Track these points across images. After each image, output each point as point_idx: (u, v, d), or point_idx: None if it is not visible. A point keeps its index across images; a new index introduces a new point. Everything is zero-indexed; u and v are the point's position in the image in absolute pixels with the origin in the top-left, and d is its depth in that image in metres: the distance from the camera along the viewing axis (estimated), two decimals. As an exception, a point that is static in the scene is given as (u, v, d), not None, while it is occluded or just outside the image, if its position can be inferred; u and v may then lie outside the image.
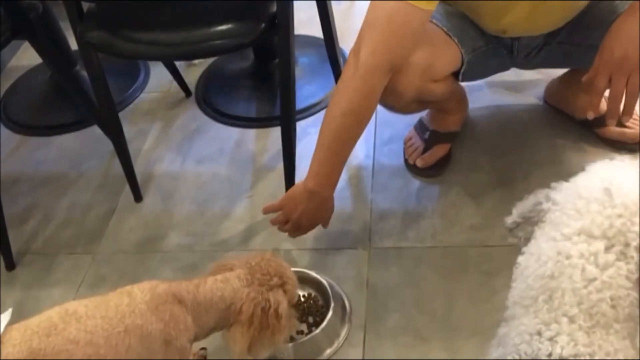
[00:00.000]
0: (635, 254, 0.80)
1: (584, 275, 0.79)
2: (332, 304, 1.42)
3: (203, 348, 1.38)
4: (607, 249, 0.80)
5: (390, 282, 1.50)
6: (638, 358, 0.78)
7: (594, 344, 0.76)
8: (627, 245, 0.80)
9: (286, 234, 1.52)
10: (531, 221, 0.90)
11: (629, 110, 1.36)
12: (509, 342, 0.81)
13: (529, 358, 0.76)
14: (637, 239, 0.80)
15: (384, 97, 1.39)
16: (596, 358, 0.74)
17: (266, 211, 1.51)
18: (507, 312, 0.87)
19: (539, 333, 0.78)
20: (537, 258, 0.83)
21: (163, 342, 1.07)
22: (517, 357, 0.77)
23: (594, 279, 0.79)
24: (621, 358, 0.76)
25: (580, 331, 0.77)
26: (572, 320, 0.78)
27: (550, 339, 0.77)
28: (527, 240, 0.89)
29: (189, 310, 1.11)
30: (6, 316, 1.05)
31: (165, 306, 1.08)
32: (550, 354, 0.75)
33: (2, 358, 0.96)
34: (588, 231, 0.81)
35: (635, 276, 0.80)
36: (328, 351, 1.38)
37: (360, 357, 1.36)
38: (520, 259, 0.86)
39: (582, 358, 0.74)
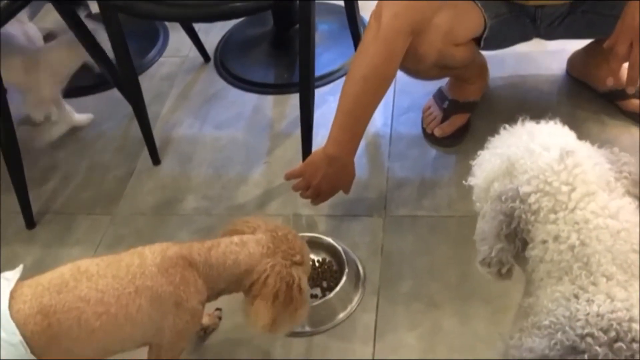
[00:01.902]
0: (618, 185, 0.84)
1: (610, 230, 0.80)
2: (346, 270, 1.43)
3: (218, 309, 1.41)
4: (609, 195, 0.82)
5: (405, 250, 1.51)
6: None
7: (631, 297, 0.77)
8: (609, 183, 0.84)
9: (303, 200, 1.53)
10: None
11: None
12: (540, 310, 0.81)
13: (566, 320, 0.76)
14: (611, 174, 0.84)
15: (404, 61, 1.38)
16: (634, 311, 0.75)
17: (287, 177, 1.52)
18: (530, 287, 0.87)
19: (576, 296, 0.79)
20: (554, 237, 0.83)
21: (173, 304, 1.07)
22: (554, 320, 0.77)
23: (619, 231, 0.80)
24: None
25: (618, 286, 0.78)
26: (610, 278, 0.78)
27: (588, 300, 0.78)
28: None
29: (201, 273, 1.11)
30: (16, 273, 1.04)
31: (176, 269, 1.07)
32: (588, 314, 0.76)
33: (13, 314, 0.96)
34: (585, 191, 0.82)
35: (635, 205, 0.83)
36: (341, 315, 1.40)
37: (373, 322, 1.38)
38: (533, 252, 0.86)
39: (619, 313, 0.75)
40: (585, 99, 1.77)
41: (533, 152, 0.88)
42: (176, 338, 1.11)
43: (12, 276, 1.03)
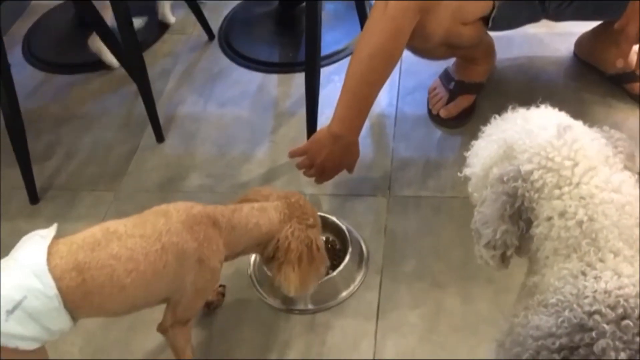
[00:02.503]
0: (617, 162, 0.83)
1: (615, 204, 0.79)
2: (350, 249, 1.43)
3: (222, 285, 1.41)
4: (609, 170, 0.82)
5: (409, 230, 1.51)
6: None
7: (638, 273, 0.77)
8: (607, 158, 0.83)
9: (307, 178, 1.53)
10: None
11: None
12: (547, 288, 0.81)
13: (574, 297, 0.76)
14: (608, 148, 0.84)
15: (411, 39, 1.36)
16: None
17: (292, 155, 1.51)
18: (535, 265, 0.87)
19: (584, 273, 0.78)
20: (560, 213, 0.82)
21: (197, 260, 1.11)
22: (561, 298, 0.77)
23: (624, 205, 0.80)
24: None
25: (624, 262, 0.78)
26: (617, 254, 0.78)
27: (595, 277, 0.77)
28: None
29: (223, 233, 1.15)
30: (52, 230, 1.07)
31: (200, 226, 1.11)
32: (595, 290, 0.76)
33: (50, 268, 0.99)
34: (587, 166, 0.82)
35: (634, 179, 0.83)
36: (344, 293, 1.40)
37: (376, 301, 1.38)
38: (537, 230, 0.85)
39: (627, 289, 0.74)
40: (592, 81, 1.75)
41: (531, 132, 0.87)
42: (195, 296, 1.14)
43: (47, 234, 1.06)
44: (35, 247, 1.03)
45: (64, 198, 1.71)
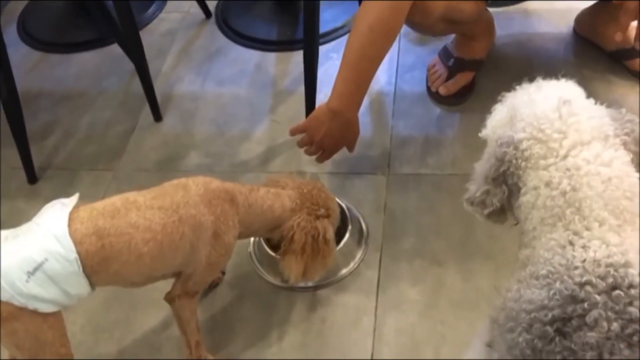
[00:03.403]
0: (616, 141, 0.84)
1: (602, 177, 0.80)
2: (350, 227, 1.43)
3: (222, 272, 1.41)
4: (603, 146, 0.83)
5: (408, 207, 1.51)
6: None
7: (625, 242, 0.77)
8: (607, 137, 0.84)
9: (306, 157, 1.52)
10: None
11: None
12: (537, 260, 0.81)
13: (563, 268, 0.77)
14: (610, 128, 0.85)
15: (411, 14, 1.35)
16: (629, 255, 0.75)
17: (291, 132, 1.50)
18: (526, 238, 0.88)
19: (572, 243, 0.79)
20: (546, 183, 0.83)
21: (213, 234, 1.12)
22: (551, 269, 0.77)
23: (610, 178, 0.80)
24: None
25: (611, 232, 0.78)
26: (602, 223, 0.79)
27: (583, 246, 0.78)
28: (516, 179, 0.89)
29: (240, 210, 1.16)
30: (74, 199, 1.09)
31: (218, 201, 1.13)
32: (584, 260, 0.76)
33: (71, 232, 1.01)
34: (579, 140, 0.83)
35: (629, 158, 0.84)
36: (344, 271, 1.40)
37: (376, 277, 1.39)
38: (525, 198, 0.86)
39: (615, 257, 0.75)
40: (592, 58, 1.75)
41: (534, 101, 0.89)
42: (208, 270, 1.16)
43: (68, 202, 1.07)
44: (57, 213, 1.04)
45: (63, 178, 1.71)
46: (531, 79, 0.99)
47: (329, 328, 1.32)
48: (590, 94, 0.95)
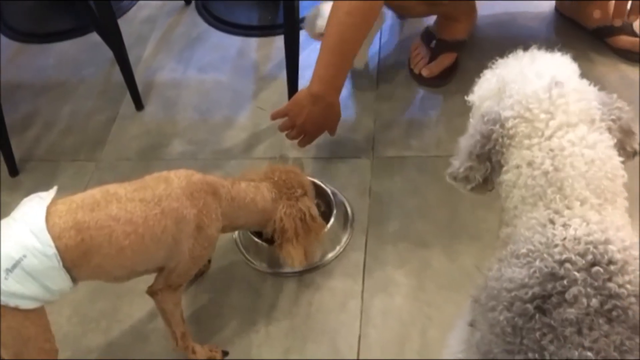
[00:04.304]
0: (602, 125, 0.84)
1: (585, 158, 0.80)
2: (335, 211, 1.43)
3: (208, 261, 1.41)
4: (589, 129, 0.83)
5: (393, 190, 1.51)
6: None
7: (606, 220, 0.78)
8: (593, 120, 0.84)
9: (290, 142, 1.52)
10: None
11: (635, 9, 1.33)
12: (518, 238, 0.82)
13: (544, 246, 0.77)
14: (597, 112, 0.84)
15: (392, -4, 1.35)
16: (609, 233, 0.76)
17: (273, 117, 1.50)
18: (507, 216, 0.88)
19: (552, 221, 0.79)
20: (528, 163, 0.83)
21: (196, 227, 1.11)
22: (531, 247, 0.77)
23: (594, 160, 0.81)
24: (628, 232, 0.78)
25: (592, 210, 0.78)
26: (583, 202, 0.79)
27: (564, 225, 0.78)
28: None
29: (222, 202, 1.15)
30: (51, 192, 1.07)
31: (200, 194, 1.11)
32: (564, 238, 0.77)
33: (48, 227, 0.99)
34: (566, 122, 0.83)
35: (613, 142, 0.84)
36: (330, 255, 1.40)
37: (362, 261, 1.39)
38: (506, 176, 0.86)
39: (595, 235, 0.75)
40: (574, 37, 1.75)
41: (525, 77, 0.88)
42: (191, 263, 1.15)
43: (46, 195, 1.05)
44: (34, 207, 1.02)
45: (45, 169, 1.69)
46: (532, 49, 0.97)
47: (316, 312, 1.32)
48: (571, 72, 0.95)
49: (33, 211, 1.01)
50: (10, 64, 2.00)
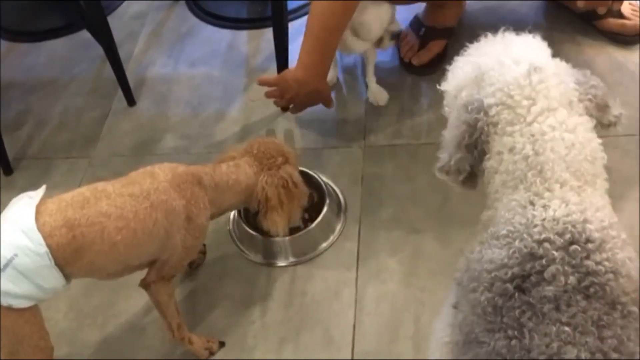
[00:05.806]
0: (579, 107, 0.85)
1: (566, 142, 0.81)
2: (327, 201, 1.44)
3: (203, 244, 1.42)
4: (569, 112, 0.83)
5: (385, 178, 1.51)
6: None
7: (585, 201, 0.79)
8: (572, 102, 0.85)
9: (282, 134, 1.53)
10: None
11: None
12: (498, 220, 0.82)
13: (523, 227, 0.77)
14: (575, 94, 0.85)
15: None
16: (587, 213, 0.77)
17: (260, 82, 1.52)
18: (488, 200, 0.89)
19: (532, 203, 0.80)
20: (509, 149, 0.84)
21: (186, 218, 1.12)
22: (511, 228, 0.78)
23: (574, 144, 0.81)
24: (607, 213, 0.80)
25: (572, 192, 0.79)
26: (563, 184, 0.80)
27: (544, 206, 0.79)
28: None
29: (208, 191, 1.16)
30: (40, 191, 1.07)
31: (186, 185, 1.13)
32: (544, 219, 0.77)
33: (39, 226, 0.99)
34: (547, 107, 0.83)
35: (592, 124, 0.85)
36: (323, 245, 1.41)
37: (356, 249, 1.39)
38: (488, 163, 0.87)
39: (574, 215, 0.76)
40: (562, 21, 1.75)
41: (503, 64, 0.88)
42: (184, 254, 1.16)
43: (35, 194, 1.06)
44: (23, 206, 1.03)
45: (39, 167, 1.69)
46: (504, 31, 0.97)
47: (311, 301, 1.33)
48: (560, 56, 0.95)
49: (22, 210, 1.02)
50: (1, 63, 2.00)
